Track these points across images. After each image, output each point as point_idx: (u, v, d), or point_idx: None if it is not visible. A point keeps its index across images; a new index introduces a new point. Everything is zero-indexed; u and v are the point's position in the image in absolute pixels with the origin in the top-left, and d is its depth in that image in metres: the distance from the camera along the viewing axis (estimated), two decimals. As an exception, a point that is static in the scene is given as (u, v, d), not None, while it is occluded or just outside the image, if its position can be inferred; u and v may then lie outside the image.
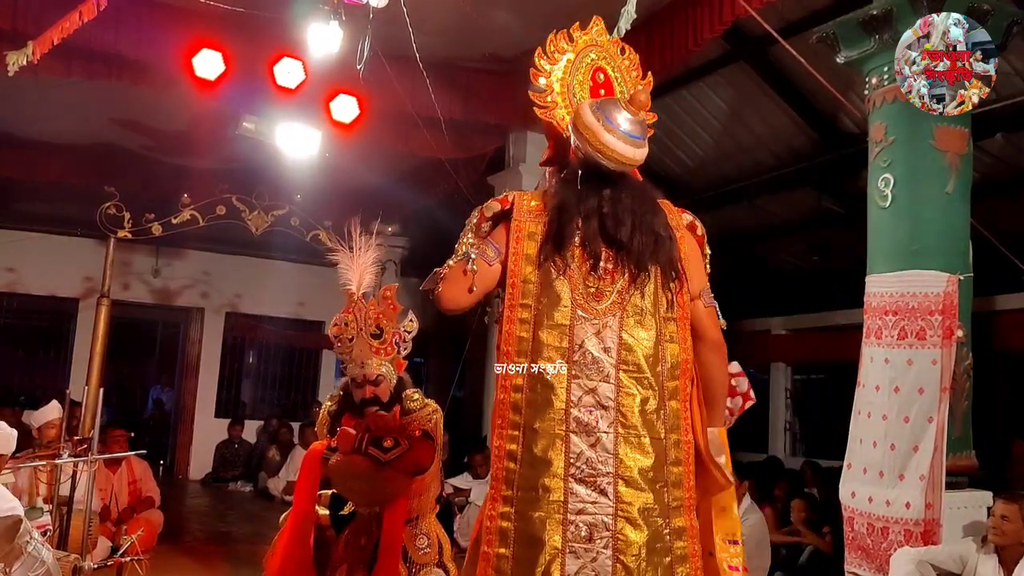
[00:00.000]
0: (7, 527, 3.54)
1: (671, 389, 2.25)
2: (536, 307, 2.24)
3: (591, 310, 2.24)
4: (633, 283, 2.26)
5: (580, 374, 2.20)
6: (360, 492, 3.55)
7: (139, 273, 11.11)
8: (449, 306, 2.31)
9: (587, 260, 2.25)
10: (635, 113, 2.30)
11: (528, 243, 2.28)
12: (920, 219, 4.46)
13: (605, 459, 2.16)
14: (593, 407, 2.19)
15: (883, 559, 4.23)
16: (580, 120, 2.29)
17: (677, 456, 2.23)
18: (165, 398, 13.97)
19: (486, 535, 2.18)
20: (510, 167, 8.15)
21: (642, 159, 2.32)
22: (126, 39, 5.97)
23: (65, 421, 5.42)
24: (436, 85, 6.13)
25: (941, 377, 4.22)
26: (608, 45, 2.55)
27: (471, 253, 2.29)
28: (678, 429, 2.24)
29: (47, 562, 3.61)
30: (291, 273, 11.67)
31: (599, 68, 2.50)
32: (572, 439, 2.17)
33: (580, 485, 2.15)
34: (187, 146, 8.53)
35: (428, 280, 2.34)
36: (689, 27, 5.56)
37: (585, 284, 2.25)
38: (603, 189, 2.29)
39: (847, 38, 4.75)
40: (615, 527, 2.14)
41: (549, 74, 2.44)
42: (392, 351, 3.64)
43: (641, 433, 2.19)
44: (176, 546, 6.88)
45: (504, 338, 2.25)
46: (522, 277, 2.26)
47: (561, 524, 2.13)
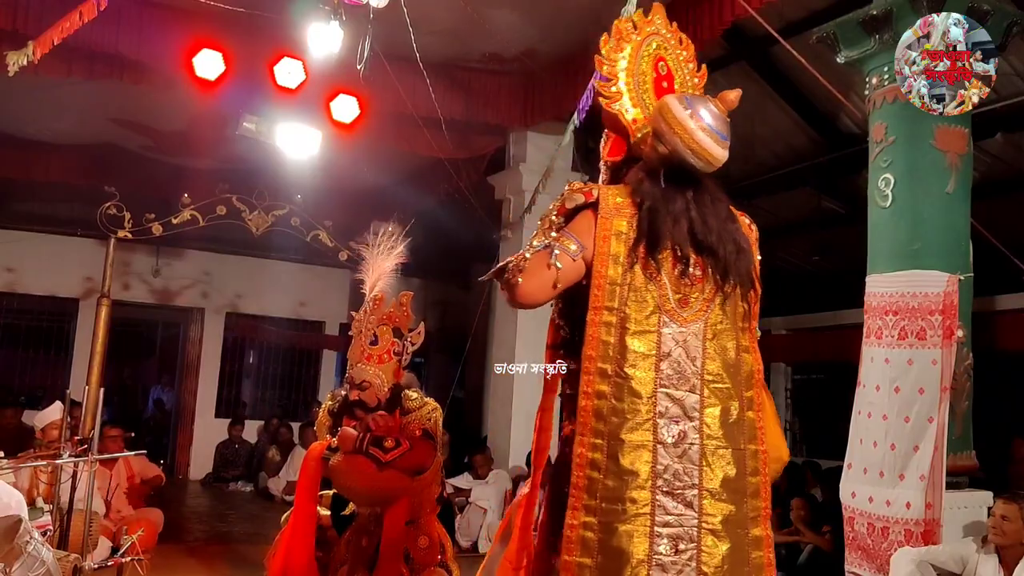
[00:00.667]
0: (7, 527, 3.54)
1: (748, 399, 2.22)
2: (622, 311, 2.15)
3: (678, 317, 2.18)
4: (718, 291, 2.21)
5: (667, 383, 2.14)
6: (360, 492, 3.56)
7: (139, 273, 11.11)
8: (526, 301, 2.18)
9: (677, 265, 2.19)
10: (723, 111, 2.22)
11: (615, 243, 2.18)
12: (920, 219, 4.46)
13: (691, 471, 2.12)
14: (680, 418, 2.14)
15: (883, 559, 4.23)
16: (669, 114, 2.20)
17: (755, 466, 2.20)
18: (165, 398, 13.96)
19: (567, 544, 2.11)
20: (511, 167, 8.15)
21: (725, 160, 2.24)
22: (126, 39, 5.98)
23: (65, 421, 5.42)
24: (436, 85, 6.15)
25: (941, 377, 4.22)
26: (668, 35, 2.45)
27: (554, 247, 2.16)
28: (755, 439, 2.22)
29: (47, 562, 3.61)
30: (291, 273, 11.68)
31: (660, 58, 2.41)
32: (659, 451, 2.12)
33: (667, 498, 2.11)
34: (187, 146, 8.53)
35: (495, 271, 2.19)
36: (689, 27, 5.53)
37: (673, 290, 2.18)
38: (686, 190, 2.22)
39: (847, 38, 4.75)
40: (700, 540, 2.11)
41: (614, 63, 2.34)
42: (388, 359, 3.64)
43: (724, 444, 2.16)
44: (177, 546, 6.87)
45: (588, 342, 2.16)
46: (608, 279, 2.17)
47: (647, 537, 2.09)
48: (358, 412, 3.61)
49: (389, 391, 3.62)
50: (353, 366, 3.62)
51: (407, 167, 9.05)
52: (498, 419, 8.10)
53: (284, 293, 11.78)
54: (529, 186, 7.69)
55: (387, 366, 3.63)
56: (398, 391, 3.65)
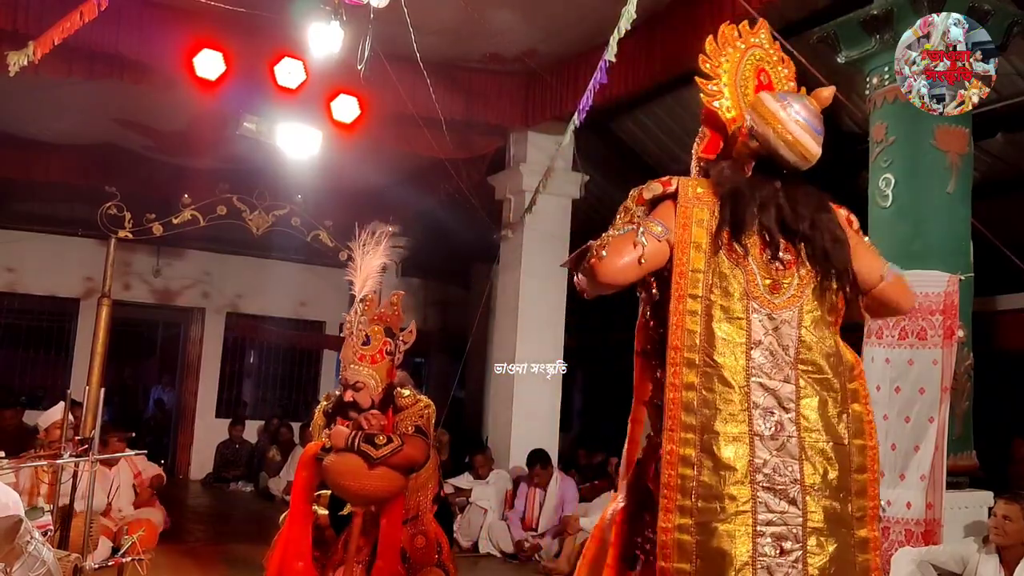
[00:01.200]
0: (8, 527, 3.54)
1: (852, 391, 2.11)
2: (707, 298, 2.07)
3: (768, 303, 2.09)
4: (814, 278, 2.12)
5: (759, 372, 2.04)
6: (353, 491, 3.53)
7: (140, 273, 11.11)
8: (608, 279, 2.07)
9: (765, 249, 2.11)
10: (816, 107, 2.20)
11: (697, 230, 2.11)
12: (921, 219, 4.46)
13: (791, 465, 2.01)
14: (775, 408, 2.03)
15: (884, 559, 4.22)
16: (763, 106, 2.17)
17: (861, 463, 2.08)
18: (166, 398, 13.96)
19: (662, 550, 1.99)
20: (511, 167, 8.15)
21: (818, 156, 2.18)
22: (127, 39, 5.98)
23: (66, 421, 5.42)
24: (437, 85, 6.15)
25: (942, 377, 4.22)
26: (770, 50, 2.42)
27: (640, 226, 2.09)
28: (862, 434, 2.09)
29: (48, 562, 3.61)
30: (292, 273, 11.67)
31: (762, 69, 2.38)
32: (756, 443, 2.00)
33: (768, 494, 1.99)
34: (188, 146, 8.53)
35: (577, 254, 2.13)
36: (689, 27, 5.56)
37: (762, 275, 2.10)
38: (774, 180, 2.17)
39: (848, 38, 4.76)
40: (805, 540, 1.98)
41: (718, 65, 2.30)
42: (380, 359, 3.62)
43: (824, 438, 2.04)
44: (177, 546, 6.87)
45: (672, 332, 2.06)
46: (691, 266, 2.08)
47: (750, 536, 1.96)
48: (351, 413, 3.59)
49: (383, 391, 3.61)
50: (346, 367, 3.60)
51: (407, 167, 9.05)
52: (498, 419, 8.09)
53: (285, 293, 11.78)
54: (529, 186, 7.69)
55: (380, 366, 3.61)
56: (392, 390, 3.64)
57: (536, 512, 7.03)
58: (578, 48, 6.49)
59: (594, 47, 6.09)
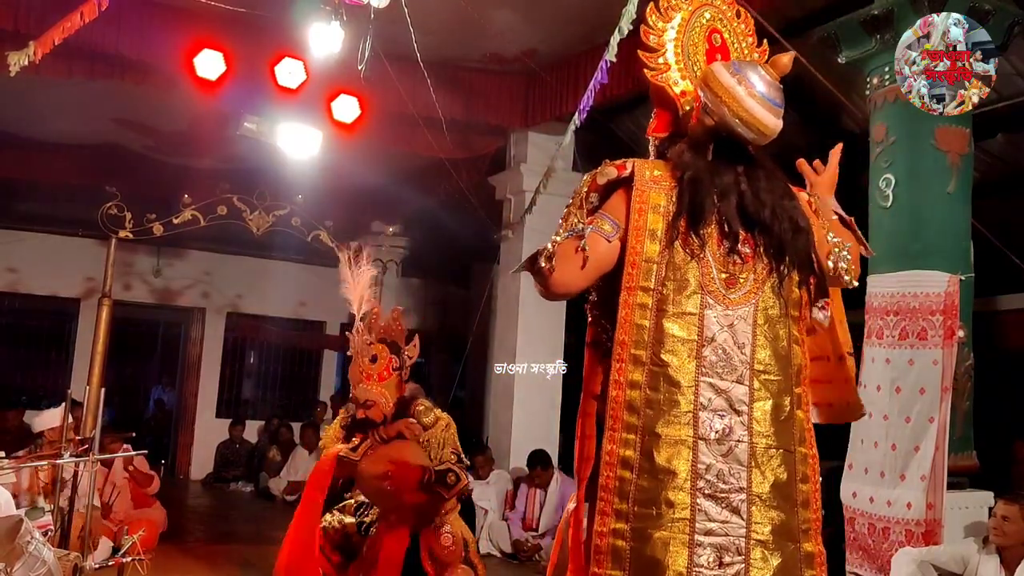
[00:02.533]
0: (9, 527, 3.54)
1: (797, 396, 1.99)
2: (659, 291, 1.94)
3: (723, 299, 1.96)
4: (771, 273, 1.99)
5: (711, 372, 1.92)
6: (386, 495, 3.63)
7: (140, 273, 11.11)
8: (560, 290, 1.99)
9: (723, 242, 1.97)
10: (775, 77, 2.04)
11: (652, 216, 1.98)
12: (921, 219, 4.46)
13: (738, 472, 1.88)
14: (725, 411, 1.91)
15: (884, 559, 4.23)
16: (716, 81, 2.00)
17: (805, 472, 1.97)
18: (166, 398, 13.97)
19: (595, 555, 1.89)
20: (511, 167, 8.15)
21: (779, 131, 2.05)
22: (127, 39, 5.98)
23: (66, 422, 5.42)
24: (437, 85, 6.14)
25: (942, 377, 4.22)
26: (723, 6, 2.28)
27: (584, 228, 1.98)
28: (804, 442, 1.98)
29: (48, 562, 3.62)
30: (292, 273, 11.68)
31: (715, 30, 2.22)
32: (701, 447, 1.88)
33: (710, 501, 1.87)
34: (188, 146, 8.53)
35: (528, 260, 2.00)
36: (690, 27, 5.56)
37: (718, 269, 1.96)
38: (737, 164, 2.03)
39: (848, 38, 4.75)
40: (748, 552, 1.86)
41: (661, 33, 2.15)
42: (388, 376, 3.71)
43: (775, 444, 1.92)
44: (177, 546, 6.87)
45: (621, 326, 1.96)
46: (644, 256, 1.97)
47: (687, 546, 1.84)
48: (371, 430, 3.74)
49: (394, 406, 3.70)
50: (355, 386, 3.71)
51: (408, 167, 9.04)
52: (499, 419, 8.10)
53: (285, 293, 11.78)
54: (529, 186, 7.68)
55: (389, 382, 3.71)
56: (403, 404, 3.74)
57: (536, 512, 7.04)
58: (578, 48, 6.48)
59: (594, 47, 6.08)
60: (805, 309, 2.07)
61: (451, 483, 3.54)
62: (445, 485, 3.53)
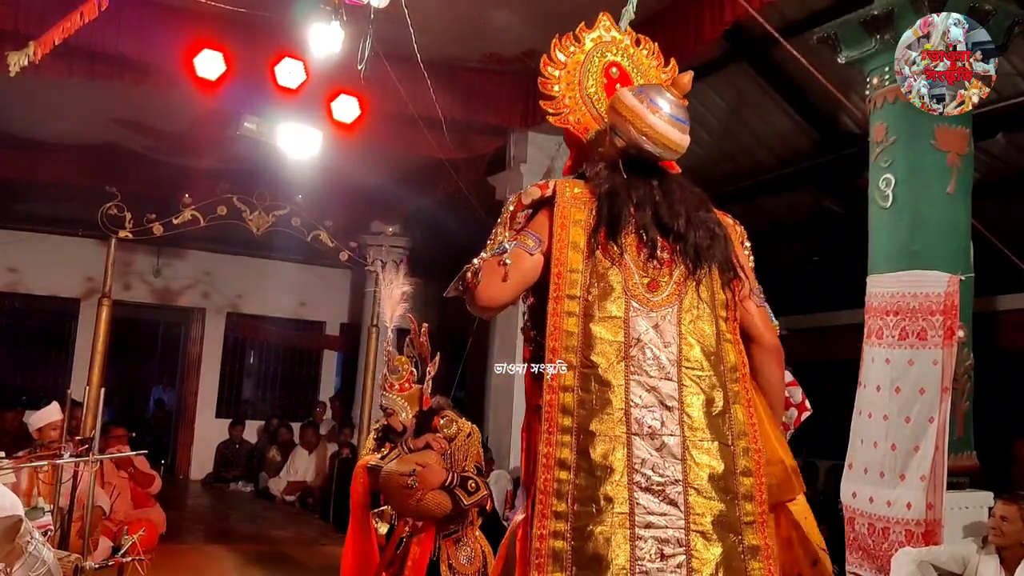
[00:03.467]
0: (8, 527, 3.54)
1: (735, 392, 2.06)
2: (585, 298, 2.04)
3: (647, 301, 2.06)
4: (691, 276, 2.10)
5: (639, 371, 2.00)
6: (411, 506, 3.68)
7: (140, 273, 11.12)
8: (485, 302, 2.09)
9: (642, 248, 2.08)
10: (678, 96, 2.17)
11: (574, 230, 2.09)
12: (921, 219, 4.45)
13: (673, 465, 1.94)
14: (656, 407, 1.98)
15: (884, 559, 4.23)
16: (621, 104, 2.16)
17: (747, 465, 2.01)
18: (166, 398, 13.97)
19: (536, 558, 1.90)
20: (511, 167, 8.14)
21: (686, 146, 2.18)
22: (127, 39, 5.97)
23: (66, 421, 5.42)
24: (437, 85, 6.13)
25: (942, 377, 4.22)
26: (619, 38, 2.43)
27: (506, 245, 2.10)
28: (746, 436, 2.03)
29: (48, 562, 3.61)
30: (292, 273, 11.69)
31: (612, 64, 2.38)
32: (635, 442, 1.94)
33: (647, 495, 1.91)
34: (188, 146, 8.53)
35: (455, 281, 2.11)
36: (690, 27, 5.55)
37: (640, 274, 2.07)
38: (651, 179, 2.16)
39: (848, 38, 4.75)
40: (689, 543, 1.90)
41: (558, 80, 2.33)
42: (409, 387, 3.89)
43: (709, 437, 1.99)
44: (177, 546, 6.88)
45: (550, 333, 2.03)
46: (568, 266, 2.07)
47: (628, 540, 1.88)
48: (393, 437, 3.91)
49: (414, 417, 3.81)
50: (382, 395, 3.92)
51: (407, 167, 9.04)
52: (499, 419, 8.10)
53: (285, 293, 11.79)
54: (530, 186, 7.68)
55: (410, 394, 3.88)
56: (427, 415, 3.81)
57: (536, 512, 7.04)
58: (578, 48, 6.48)
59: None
60: (732, 310, 2.15)
61: (472, 490, 3.62)
62: (466, 491, 3.62)
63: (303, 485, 10.17)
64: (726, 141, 7.77)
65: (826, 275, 9.01)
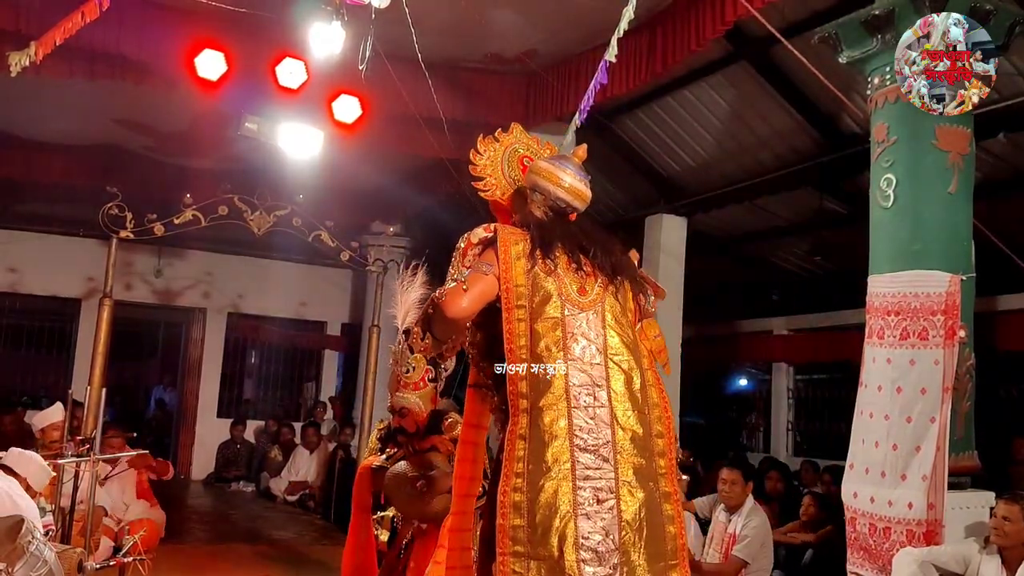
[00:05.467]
0: (9, 527, 3.55)
1: (648, 374, 2.63)
2: (530, 305, 2.56)
3: (578, 303, 2.60)
4: (610, 283, 2.68)
5: (575, 359, 2.53)
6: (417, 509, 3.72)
7: (141, 273, 11.12)
8: (451, 312, 2.52)
9: (571, 263, 2.65)
10: (578, 163, 2.86)
11: (515, 251, 2.62)
12: (922, 219, 4.45)
13: (604, 430, 2.47)
14: (589, 385, 2.51)
15: (885, 559, 4.22)
16: (538, 167, 2.83)
17: (659, 429, 2.58)
18: (167, 398, 13.98)
19: (500, 509, 2.41)
20: (512, 167, 8.14)
21: (589, 199, 2.84)
22: (128, 40, 5.98)
23: (67, 422, 5.42)
24: (438, 85, 6.13)
25: (943, 377, 4.21)
26: (528, 141, 3.06)
27: (465, 273, 2.58)
28: (658, 407, 2.61)
29: (49, 562, 3.62)
30: (293, 273, 11.69)
31: (524, 156, 3.00)
32: (574, 413, 2.47)
33: (585, 454, 2.44)
34: (189, 146, 8.53)
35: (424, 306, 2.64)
36: (691, 27, 5.55)
37: (570, 282, 2.62)
38: (567, 219, 2.80)
39: (849, 38, 4.74)
40: (618, 491, 2.43)
41: (485, 166, 2.96)
42: (423, 386, 3.85)
43: (630, 407, 2.52)
44: (178, 546, 6.89)
45: (507, 336, 2.52)
46: (514, 282, 2.58)
47: (571, 491, 2.39)
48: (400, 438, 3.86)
49: (427, 416, 3.81)
50: (392, 394, 3.84)
51: (408, 167, 9.05)
52: (500, 419, 8.09)
53: (286, 293, 11.79)
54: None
55: (423, 392, 3.84)
56: (436, 417, 3.83)
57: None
58: (578, 48, 6.48)
59: (594, 47, 6.08)
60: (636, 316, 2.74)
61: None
62: None
63: (304, 485, 10.18)
64: (727, 141, 7.77)
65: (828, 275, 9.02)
